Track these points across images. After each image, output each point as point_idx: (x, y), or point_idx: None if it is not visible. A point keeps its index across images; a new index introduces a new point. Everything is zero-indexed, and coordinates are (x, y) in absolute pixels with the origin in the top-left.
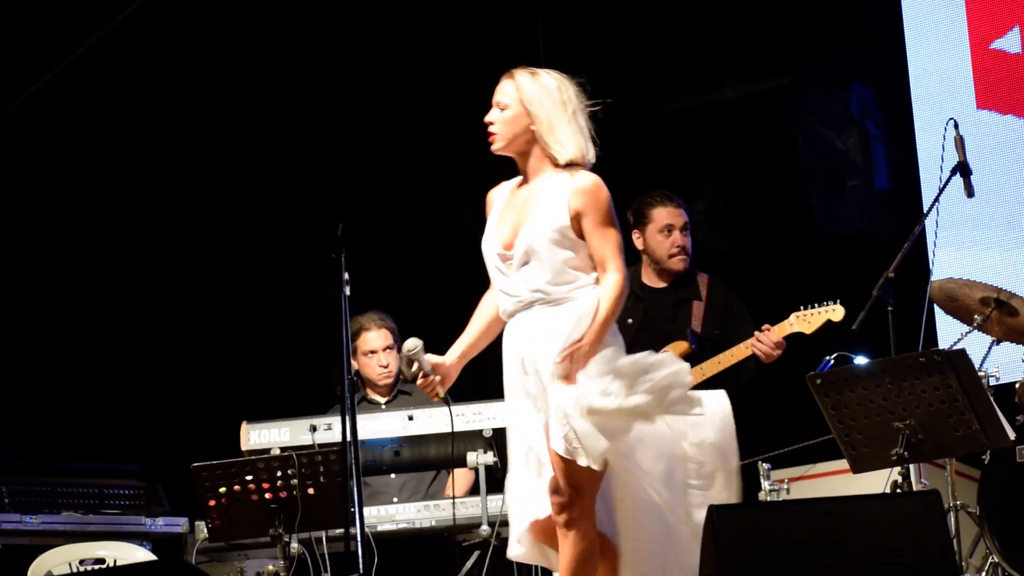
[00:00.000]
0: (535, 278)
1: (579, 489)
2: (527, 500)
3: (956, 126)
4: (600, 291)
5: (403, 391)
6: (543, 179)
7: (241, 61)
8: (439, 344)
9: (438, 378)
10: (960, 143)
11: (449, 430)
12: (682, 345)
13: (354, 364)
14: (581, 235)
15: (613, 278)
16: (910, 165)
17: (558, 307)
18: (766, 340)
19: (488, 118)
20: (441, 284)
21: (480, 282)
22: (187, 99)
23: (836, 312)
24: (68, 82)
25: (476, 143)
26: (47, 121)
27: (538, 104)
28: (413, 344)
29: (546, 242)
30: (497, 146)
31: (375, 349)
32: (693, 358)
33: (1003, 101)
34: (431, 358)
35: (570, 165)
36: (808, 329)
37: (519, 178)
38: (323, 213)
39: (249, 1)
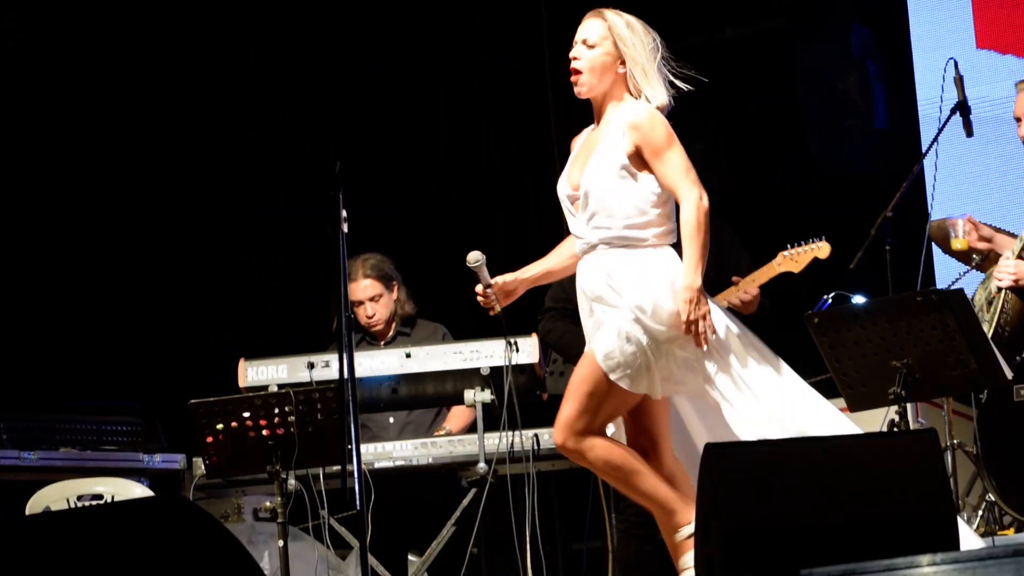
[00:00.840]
0: (598, 218)
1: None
2: None
3: (956, 65)
4: (682, 219)
5: (402, 332)
6: (608, 118)
7: (241, 61)
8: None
9: (492, 293)
10: (959, 82)
11: (447, 368)
12: None
13: None
14: (643, 168)
15: (689, 199)
16: (909, 105)
17: (621, 250)
18: (745, 288)
19: (574, 54)
20: (441, 284)
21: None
22: (187, 99)
23: (822, 249)
24: (68, 82)
25: (476, 143)
26: (49, 117)
27: (631, 46)
28: (475, 258)
29: (605, 181)
30: (583, 90)
31: (361, 300)
32: None
33: (1002, 40)
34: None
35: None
36: (796, 268)
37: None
38: (323, 213)
39: (249, 1)
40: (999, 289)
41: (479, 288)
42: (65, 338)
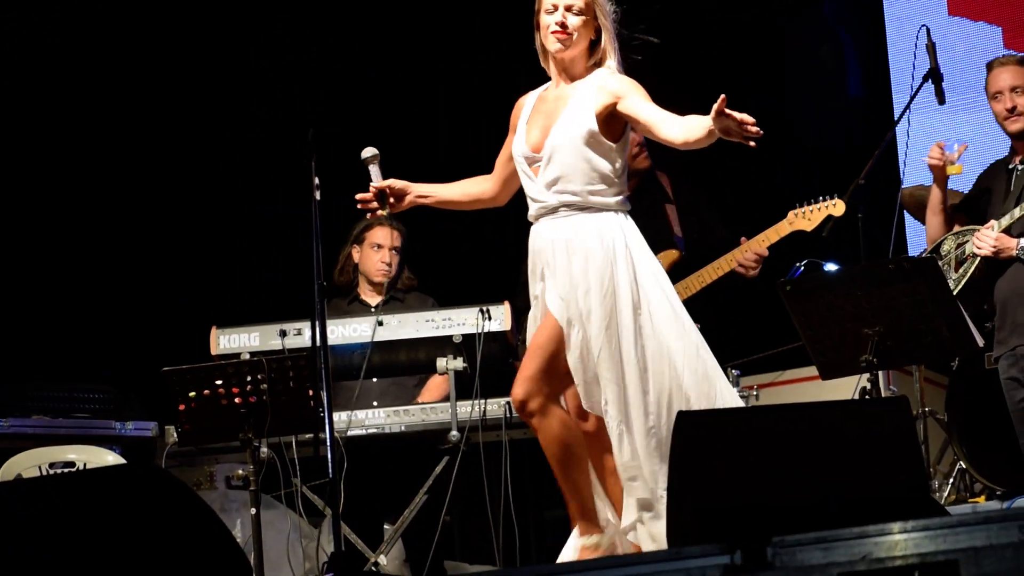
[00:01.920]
0: (561, 181)
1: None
2: None
3: (928, 33)
4: (687, 123)
5: (396, 297)
6: (574, 83)
7: (241, 61)
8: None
9: (380, 192)
10: (932, 50)
11: (420, 336)
12: (672, 253)
13: (355, 255)
14: (610, 137)
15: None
16: (882, 72)
17: (582, 214)
18: (749, 255)
19: (558, 20)
20: (441, 283)
21: (481, 281)
22: (187, 99)
23: (837, 206)
24: (69, 82)
25: (476, 143)
26: (48, 117)
27: (604, 13)
28: (371, 152)
29: (575, 142)
30: (567, 49)
31: (382, 244)
32: (684, 263)
33: (974, 8)
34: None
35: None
36: (808, 227)
37: (546, 86)
38: (322, 213)
39: (249, 1)
40: (973, 255)
41: (372, 187)
42: (38, 307)
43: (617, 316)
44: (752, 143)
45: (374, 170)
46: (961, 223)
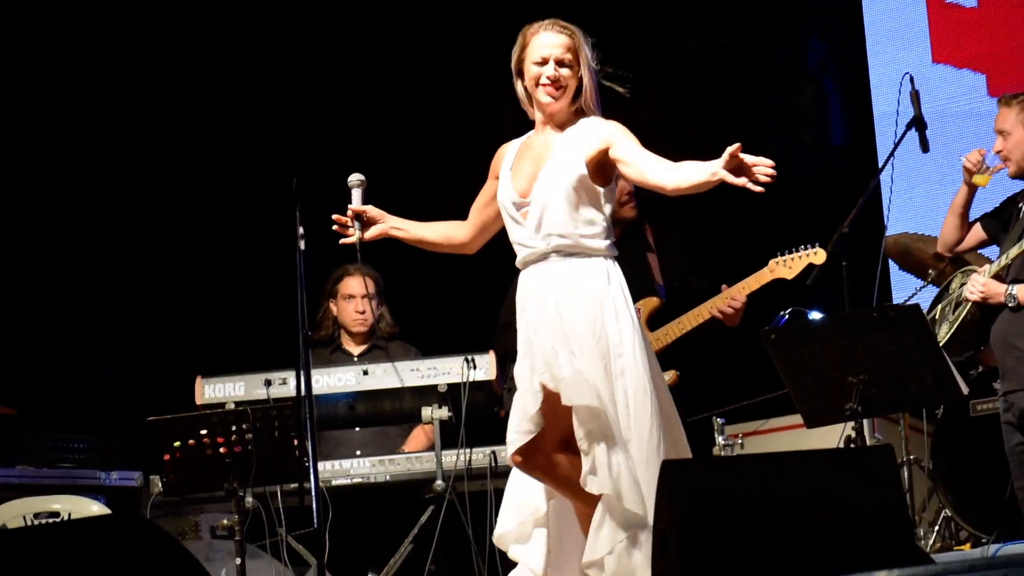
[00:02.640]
0: (550, 226)
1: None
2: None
3: (912, 80)
4: (681, 171)
5: (378, 345)
6: (565, 130)
7: (241, 61)
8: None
9: (356, 217)
10: (915, 97)
11: (405, 385)
12: (653, 301)
13: (332, 308)
14: (599, 183)
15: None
16: (865, 120)
17: (572, 259)
18: (730, 301)
19: (552, 74)
20: (442, 283)
21: (483, 281)
22: (187, 99)
23: (818, 255)
24: (69, 81)
25: (476, 143)
26: (47, 117)
27: (587, 61)
28: (359, 179)
29: (565, 187)
30: (557, 103)
31: (353, 294)
32: (664, 311)
33: (958, 55)
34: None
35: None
36: (789, 275)
37: (529, 133)
38: (322, 212)
39: (249, 1)
40: (966, 299)
41: (349, 209)
42: (24, 353)
43: (607, 360)
44: (760, 188)
45: (356, 195)
46: (975, 236)
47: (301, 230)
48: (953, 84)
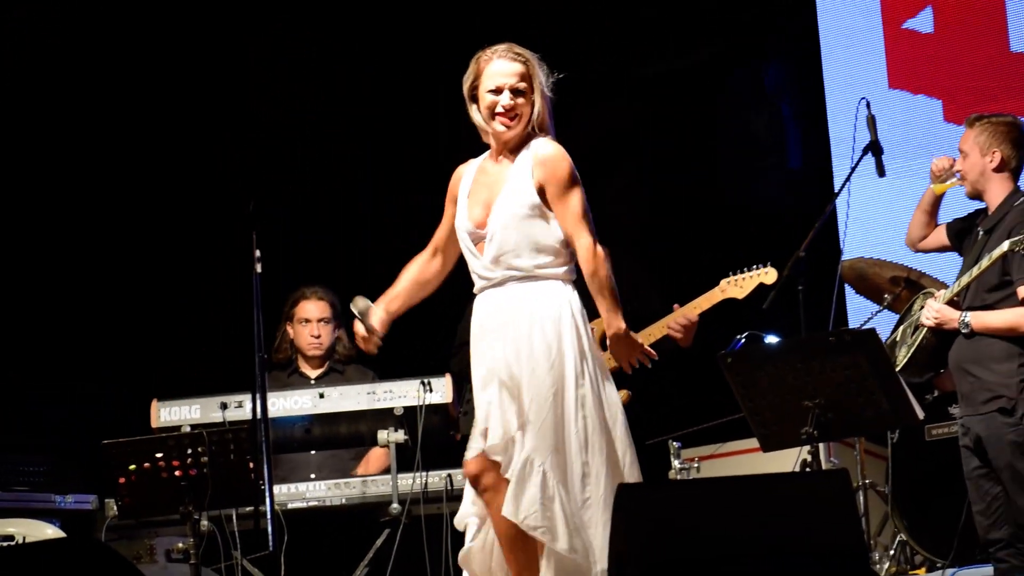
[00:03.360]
0: (506, 257)
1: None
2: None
3: (868, 105)
4: (585, 271)
5: (335, 369)
6: (518, 155)
7: (241, 61)
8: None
9: (373, 336)
10: (872, 122)
11: (361, 408)
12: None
13: (289, 331)
14: (551, 207)
15: (584, 247)
16: (822, 144)
17: (530, 283)
18: (682, 320)
19: (507, 103)
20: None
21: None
22: (187, 99)
23: (769, 275)
24: (69, 81)
25: (475, 142)
26: (46, 118)
27: (540, 86)
28: (365, 305)
29: (518, 217)
30: (515, 132)
31: (309, 318)
32: None
33: (915, 81)
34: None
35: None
36: (740, 294)
37: (485, 156)
38: (322, 212)
39: (249, 1)
40: (922, 324)
41: (362, 330)
42: None
43: (563, 385)
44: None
45: (368, 319)
46: (937, 239)
47: (258, 253)
48: (909, 109)
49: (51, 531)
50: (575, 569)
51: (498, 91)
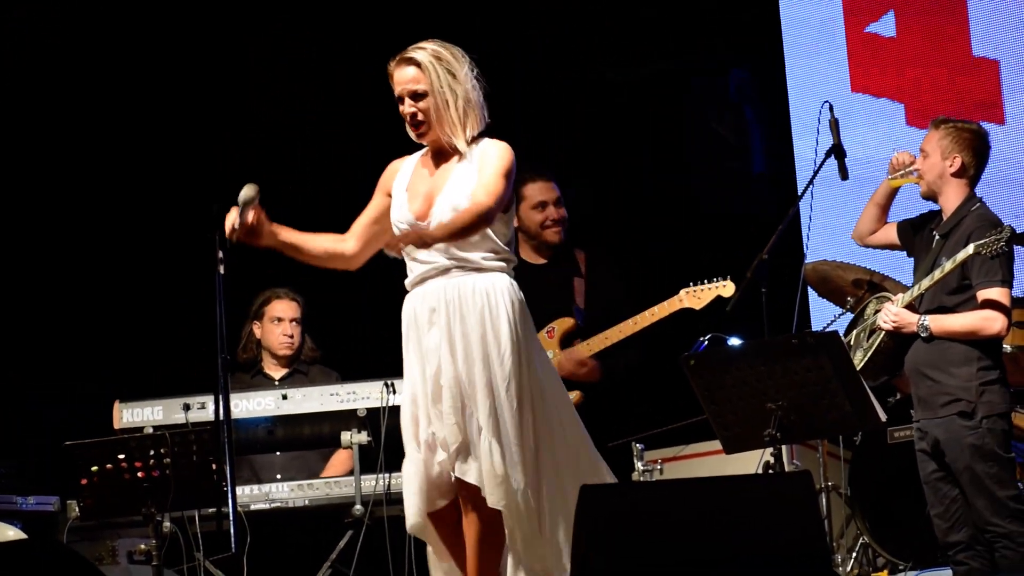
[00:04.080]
0: (450, 248)
1: None
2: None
3: (831, 109)
4: (464, 207)
5: (299, 370)
6: (458, 150)
7: (241, 61)
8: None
9: (242, 224)
10: (835, 126)
11: (324, 410)
12: (568, 321)
13: (256, 331)
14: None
15: (480, 203)
16: (785, 148)
17: (475, 274)
18: (575, 360)
19: (408, 110)
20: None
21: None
22: (187, 98)
23: (727, 288)
24: (69, 80)
25: None
26: (44, 118)
27: (449, 87)
28: (254, 195)
29: (461, 209)
30: (426, 135)
31: (283, 317)
32: (579, 333)
33: (877, 84)
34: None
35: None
36: (698, 305)
37: (422, 151)
38: (321, 213)
39: (249, 1)
40: (879, 328)
41: (234, 217)
42: None
43: (515, 378)
44: None
45: (247, 208)
46: (886, 236)
47: (221, 254)
48: (872, 113)
49: (12, 533)
50: (543, 571)
51: (401, 100)
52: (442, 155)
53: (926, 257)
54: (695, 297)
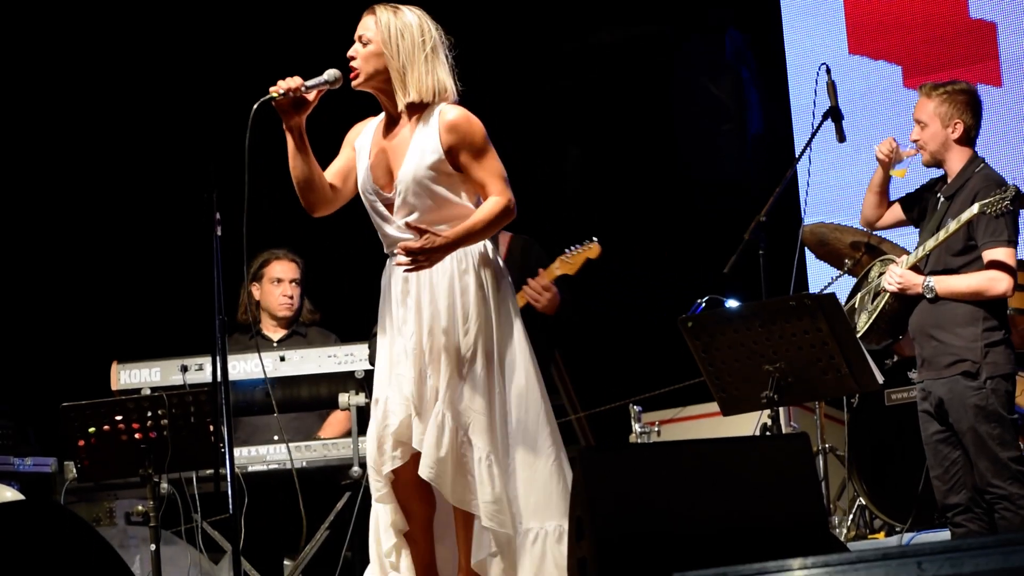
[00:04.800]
0: (420, 219)
1: None
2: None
3: (828, 71)
4: (484, 205)
5: (298, 332)
6: (412, 118)
7: (240, 23)
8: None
9: (295, 90)
10: (832, 88)
11: (322, 371)
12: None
13: (255, 292)
14: (458, 167)
15: (500, 198)
16: (783, 110)
17: None
18: (533, 285)
19: (350, 52)
20: (361, 269)
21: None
22: (186, 98)
23: (592, 249)
24: (68, 80)
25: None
26: (40, 80)
27: (395, 42)
28: (338, 80)
29: (424, 182)
30: (358, 82)
31: (282, 278)
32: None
33: (875, 47)
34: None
35: (426, 103)
36: (571, 270)
37: (382, 116)
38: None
39: (249, 1)
40: (884, 290)
41: (299, 82)
42: None
43: (488, 347)
44: None
45: (319, 83)
46: (893, 215)
47: (218, 215)
48: (869, 75)
49: (10, 494)
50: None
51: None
52: (395, 122)
53: (931, 219)
54: (568, 263)
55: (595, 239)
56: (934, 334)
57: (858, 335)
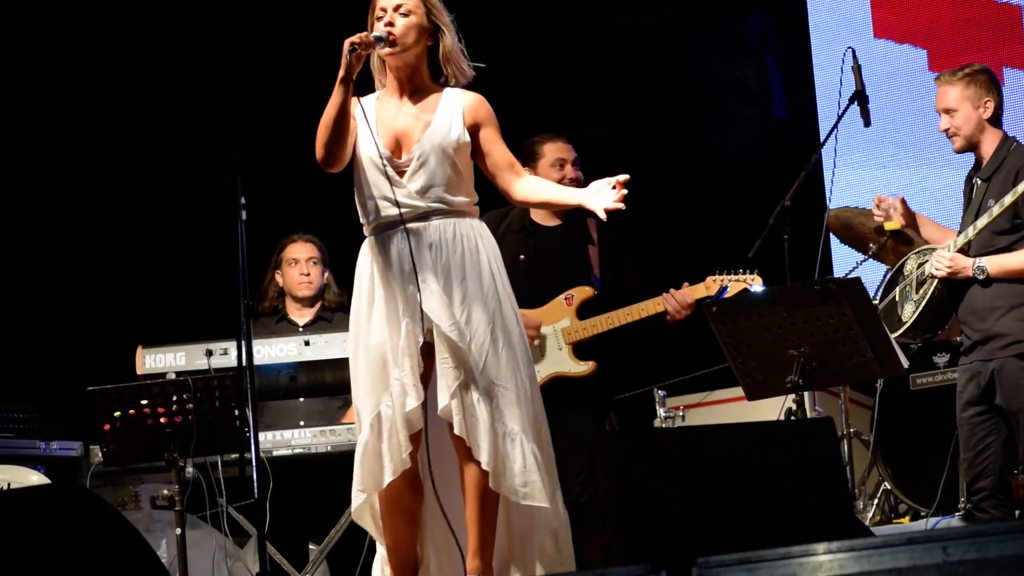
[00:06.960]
0: (435, 189)
1: None
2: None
3: (854, 55)
4: (538, 183)
5: (324, 317)
6: (431, 94)
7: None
8: None
9: (368, 43)
10: (857, 72)
11: (344, 355)
12: (587, 290)
13: (278, 278)
14: (475, 148)
15: (524, 174)
16: (807, 94)
17: (453, 219)
18: (678, 298)
19: (387, 19)
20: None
21: None
22: (186, 98)
23: (755, 282)
24: (94, 67)
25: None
26: (58, 62)
27: (444, 20)
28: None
29: (447, 151)
30: (394, 49)
31: (298, 258)
32: (597, 303)
33: (900, 30)
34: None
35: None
36: (711, 293)
37: (379, 94)
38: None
39: (249, 1)
40: (932, 276)
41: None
42: None
43: (503, 320)
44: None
45: (378, 41)
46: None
47: (243, 200)
48: (895, 58)
49: (36, 478)
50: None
51: (384, 13)
52: (407, 95)
53: (970, 204)
54: (713, 286)
55: (755, 271)
56: (986, 316)
57: (905, 327)
